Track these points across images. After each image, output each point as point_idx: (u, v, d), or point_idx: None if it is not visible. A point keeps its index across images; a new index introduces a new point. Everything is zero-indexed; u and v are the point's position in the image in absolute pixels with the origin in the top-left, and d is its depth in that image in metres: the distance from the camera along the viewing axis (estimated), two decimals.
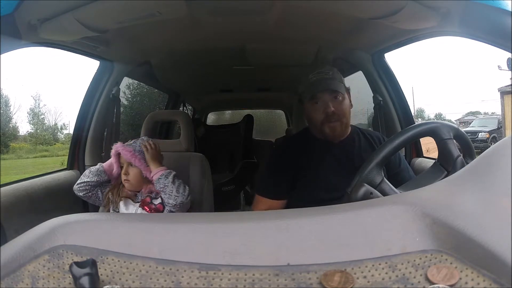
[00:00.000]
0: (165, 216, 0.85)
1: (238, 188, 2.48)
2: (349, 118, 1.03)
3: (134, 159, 1.07)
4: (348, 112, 1.02)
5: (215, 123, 3.74)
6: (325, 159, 1.02)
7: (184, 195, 1.05)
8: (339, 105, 0.99)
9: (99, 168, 1.11)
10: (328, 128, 1.00)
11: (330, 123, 0.99)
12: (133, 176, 1.08)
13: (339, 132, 1.01)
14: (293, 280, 0.33)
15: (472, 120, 11.72)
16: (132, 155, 1.07)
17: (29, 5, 0.81)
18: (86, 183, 1.08)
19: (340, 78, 1.02)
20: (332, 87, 0.98)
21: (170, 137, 2.61)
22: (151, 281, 0.35)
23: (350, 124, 1.06)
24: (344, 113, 1.00)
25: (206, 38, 1.37)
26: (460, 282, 0.32)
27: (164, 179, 1.05)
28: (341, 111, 0.99)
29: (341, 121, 1.00)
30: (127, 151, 1.08)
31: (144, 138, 1.16)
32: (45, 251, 0.37)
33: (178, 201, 1.04)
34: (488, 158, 0.43)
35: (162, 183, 1.05)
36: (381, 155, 0.69)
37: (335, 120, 0.99)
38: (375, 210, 0.41)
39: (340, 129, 1.01)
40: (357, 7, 1.01)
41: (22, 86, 9.94)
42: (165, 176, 1.05)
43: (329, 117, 0.98)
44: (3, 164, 6.27)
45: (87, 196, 1.11)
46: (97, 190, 1.11)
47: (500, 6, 0.69)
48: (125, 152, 1.08)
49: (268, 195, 1.04)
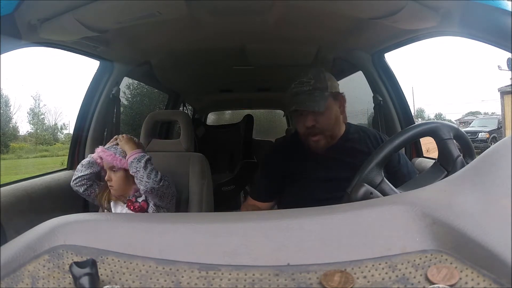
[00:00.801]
0: (165, 216, 0.85)
1: (238, 188, 2.48)
2: (336, 127, 1.01)
3: (116, 161, 1.05)
4: (332, 123, 0.98)
5: (215, 123, 3.74)
6: (319, 160, 1.01)
7: (155, 181, 1.03)
8: (321, 119, 0.96)
9: (90, 159, 1.10)
10: (311, 141, 0.98)
11: (313, 137, 0.97)
12: (116, 181, 1.07)
13: (323, 144, 0.99)
14: (293, 280, 0.33)
15: (472, 120, 11.73)
16: (113, 158, 1.06)
17: (29, 5, 0.81)
18: (81, 177, 1.08)
19: (323, 87, 0.96)
20: (308, 107, 0.94)
21: (170, 137, 2.61)
22: (151, 281, 0.35)
23: (345, 122, 1.04)
24: (327, 126, 0.97)
25: (206, 38, 1.37)
26: (460, 282, 0.32)
27: (136, 162, 1.03)
28: (323, 124, 0.96)
29: (324, 134, 0.97)
30: (107, 155, 1.06)
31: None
32: (45, 251, 0.37)
33: (149, 186, 1.02)
34: (488, 158, 0.43)
35: (135, 167, 1.03)
36: (381, 155, 0.68)
37: (316, 133, 0.97)
38: (375, 210, 0.41)
39: (325, 141, 0.98)
40: (357, 7, 1.00)
41: (22, 86, 9.93)
42: (137, 160, 1.04)
43: (309, 131, 0.96)
44: (3, 164, 6.26)
45: (87, 193, 1.11)
46: (94, 186, 1.11)
47: (500, 6, 0.69)
48: (105, 156, 1.06)
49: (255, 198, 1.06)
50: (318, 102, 0.94)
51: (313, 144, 0.98)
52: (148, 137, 1.44)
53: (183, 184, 1.36)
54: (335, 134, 1.01)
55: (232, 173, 2.51)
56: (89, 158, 1.11)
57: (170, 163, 1.38)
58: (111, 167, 1.07)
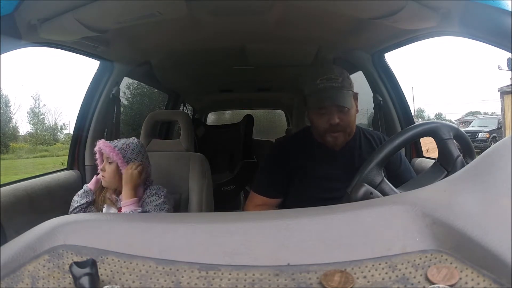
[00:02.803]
0: (165, 216, 0.85)
1: (238, 188, 2.48)
2: (354, 125, 1.02)
3: (112, 153, 1.07)
4: (353, 121, 1.00)
5: (215, 123, 3.74)
6: (325, 159, 1.01)
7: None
8: (345, 116, 0.96)
9: (85, 189, 1.12)
10: (330, 137, 0.98)
11: (333, 133, 0.97)
12: (108, 173, 1.08)
13: (341, 141, 1.00)
14: (293, 280, 0.33)
15: (472, 120, 11.72)
16: (110, 150, 1.07)
17: (29, 5, 0.81)
18: (79, 207, 1.09)
19: (349, 85, 0.98)
20: (339, 102, 0.95)
21: (170, 137, 2.61)
22: (151, 281, 0.35)
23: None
24: (349, 124, 0.98)
25: (206, 38, 1.37)
26: (460, 282, 0.32)
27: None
28: (346, 122, 0.97)
29: (345, 131, 0.98)
30: (106, 146, 1.09)
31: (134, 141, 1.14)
32: (45, 251, 0.37)
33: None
34: (488, 158, 0.43)
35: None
36: (381, 155, 0.69)
37: (338, 130, 0.97)
38: (375, 210, 0.41)
39: (343, 138, 0.99)
40: (357, 7, 1.00)
41: (22, 86, 9.93)
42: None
43: (333, 127, 0.96)
44: (3, 164, 6.26)
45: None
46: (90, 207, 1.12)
47: (500, 6, 0.69)
48: (104, 147, 1.09)
49: (263, 193, 1.05)
50: (347, 100, 0.95)
51: (331, 140, 0.98)
52: (148, 137, 1.44)
53: (183, 184, 1.36)
54: (352, 132, 1.02)
55: (232, 173, 2.51)
56: (84, 187, 1.12)
57: (170, 163, 1.38)
58: (107, 158, 1.09)
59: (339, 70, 0.99)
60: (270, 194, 1.04)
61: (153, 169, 1.40)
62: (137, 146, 1.13)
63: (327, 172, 1.00)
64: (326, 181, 0.99)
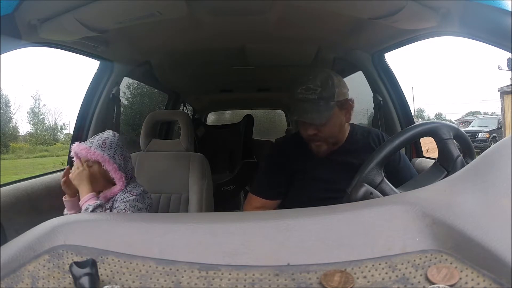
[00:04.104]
0: (165, 216, 0.85)
1: (238, 188, 2.48)
2: (340, 134, 1.00)
3: (90, 154, 1.01)
4: (335, 132, 0.98)
5: (215, 123, 3.75)
6: (322, 160, 1.01)
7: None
8: (323, 128, 0.94)
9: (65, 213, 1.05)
10: (314, 146, 0.98)
11: (315, 143, 0.97)
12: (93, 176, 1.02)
13: (325, 149, 0.98)
14: (293, 280, 0.33)
15: (472, 120, 11.74)
16: (87, 152, 1.02)
17: (29, 5, 0.81)
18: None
19: (330, 96, 0.93)
20: (308, 119, 0.92)
21: (170, 137, 2.61)
22: (151, 281, 0.35)
23: (350, 124, 1.04)
24: (329, 134, 0.96)
25: (206, 38, 1.37)
26: (460, 282, 0.32)
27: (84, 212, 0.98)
28: (325, 133, 0.95)
29: (326, 141, 0.97)
30: (82, 149, 1.02)
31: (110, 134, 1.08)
32: (45, 251, 0.37)
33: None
34: (488, 158, 0.43)
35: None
36: (381, 155, 0.69)
37: (318, 140, 0.96)
38: (375, 210, 0.41)
39: (327, 147, 0.98)
40: (357, 7, 1.00)
41: (22, 86, 9.96)
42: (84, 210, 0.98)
43: (311, 138, 0.96)
44: (3, 164, 6.26)
45: None
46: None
47: (500, 6, 0.69)
48: (80, 150, 1.03)
49: (262, 195, 1.04)
50: (322, 114, 0.92)
51: (315, 148, 0.99)
52: (148, 137, 1.44)
53: (183, 184, 1.36)
54: (339, 140, 1.01)
55: (232, 173, 2.51)
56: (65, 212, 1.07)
57: (170, 163, 1.38)
58: (86, 161, 1.03)
59: (324, 78, 0.94)
60: (269, 196, 1.04)
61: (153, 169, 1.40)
62: (113, 140, 1.07)
63: (325, 174, 0.99)
64: (325, 183, 0.98)
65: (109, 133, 1.08)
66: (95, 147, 1.03)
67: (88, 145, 1.04)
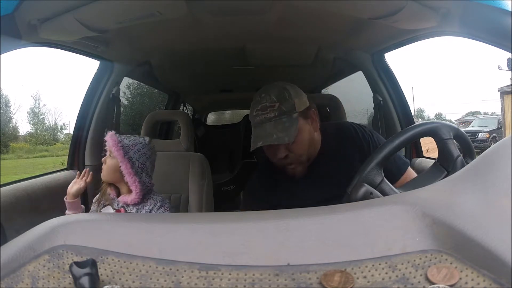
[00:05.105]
0: (165, 216, 0.85)
1: (238, 188, 2.49)
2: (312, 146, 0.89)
3: (115, 148, 1.04)
4: (307, 146, 0.87)
5: (215, 123, 3.75)
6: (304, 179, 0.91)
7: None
8: (293, 147, 0.84)
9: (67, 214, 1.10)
10: (289, 170, 0.89)
11: (289, 166, 0.88)
12: (107, 167, 1.05)
13: (301, 170, 0.89)
14: (293, 280, 0.33)
15: (472, 120, 11.74)
16: (113, 144, 1.04)
17: (29, 5, 0.81)
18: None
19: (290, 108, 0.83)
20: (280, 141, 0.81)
21: (170, 137, 2.61)
22: (151, 281, 0.35)
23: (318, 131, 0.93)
24: (301, 151, 0.86)
25: (206, 38, 1.37)
26: (460, 282, 0.32)
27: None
28: (296, 151, 0.85)
29: (300, 160, 0.87)
30: (111, 139, 1.05)
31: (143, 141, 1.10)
32: (45, 251, 0.37)
33: None
34: (488, 158, 0.43)
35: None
36: (381, 155, 0.68)
37: (291, 162, 0.87)
38: (375, 210, 0.41)
39: (302, 166, 0.88)
40: (357, 7, 1.00)
41: (22, 86, 9.98)
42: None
43: (283, 161, 0.86)
44: (3, 164, 6.26)
45: None
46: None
47: (500, 6, 0.69)
48: (109, 139, 1.05)
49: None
50: (288, 130, 0.81)
51: (291, 171, 0.89)
52: (149, 138, 1.44)
53: (183, 184, 1.36)
54: (312, 154, 0.90)
55: (232, 173, 2.52)
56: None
57: (170, 163, 1.38)
58: (110, 152, 1.06)
59: (278, 91, 0.85)
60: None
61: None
62: (143, 147, 1.08)
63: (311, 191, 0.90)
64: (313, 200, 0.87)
65: (144, 139, 1.11)
66: (123, 144, 1.05)
67: (120, 139, 1.06)
